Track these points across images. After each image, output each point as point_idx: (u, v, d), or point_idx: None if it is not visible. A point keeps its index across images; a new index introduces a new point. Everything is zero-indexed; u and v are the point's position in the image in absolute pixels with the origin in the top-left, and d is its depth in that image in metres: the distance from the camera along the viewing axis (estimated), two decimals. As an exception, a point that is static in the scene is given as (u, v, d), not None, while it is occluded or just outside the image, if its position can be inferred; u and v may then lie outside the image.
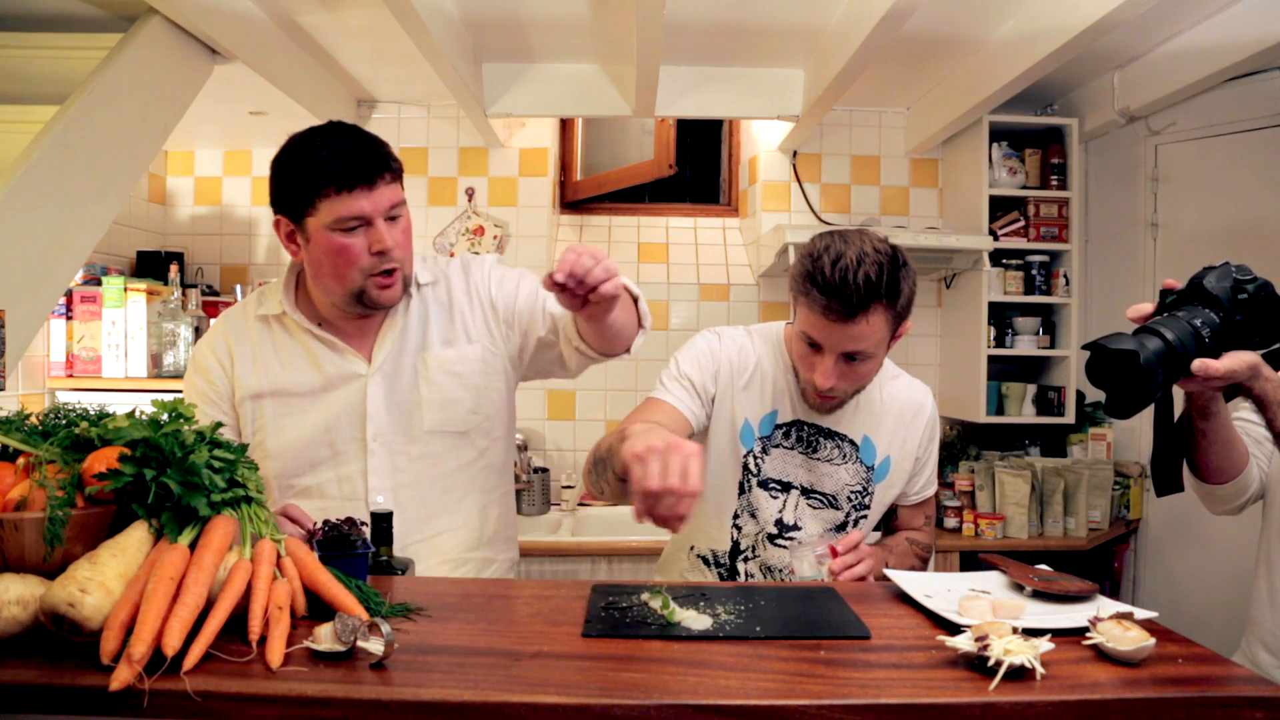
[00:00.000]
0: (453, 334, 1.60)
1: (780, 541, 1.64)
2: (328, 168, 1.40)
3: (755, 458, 1.63)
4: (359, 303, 1.49)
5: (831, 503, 1.64)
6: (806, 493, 1.63)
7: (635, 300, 1.54)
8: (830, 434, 1.64)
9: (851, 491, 1.65)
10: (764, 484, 1.63)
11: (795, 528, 1.63)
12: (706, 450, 1.64)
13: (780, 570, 1.65)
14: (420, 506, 1.57)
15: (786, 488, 1.63)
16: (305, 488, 1.55)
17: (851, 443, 1.64)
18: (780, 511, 1.63)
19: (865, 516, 1.67)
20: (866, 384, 1.59)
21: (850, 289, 1.38)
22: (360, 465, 1.55)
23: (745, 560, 1.66)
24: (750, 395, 1.64)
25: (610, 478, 1.41)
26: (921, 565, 1.72)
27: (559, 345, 1.60)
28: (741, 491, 1.64)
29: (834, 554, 1.48)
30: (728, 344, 1.66)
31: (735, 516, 1.65)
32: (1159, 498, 1.39)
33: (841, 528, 1.66)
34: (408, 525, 1.54)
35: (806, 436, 1.63)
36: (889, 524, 1.79)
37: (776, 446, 1.63)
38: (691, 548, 1.71)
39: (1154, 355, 1.20)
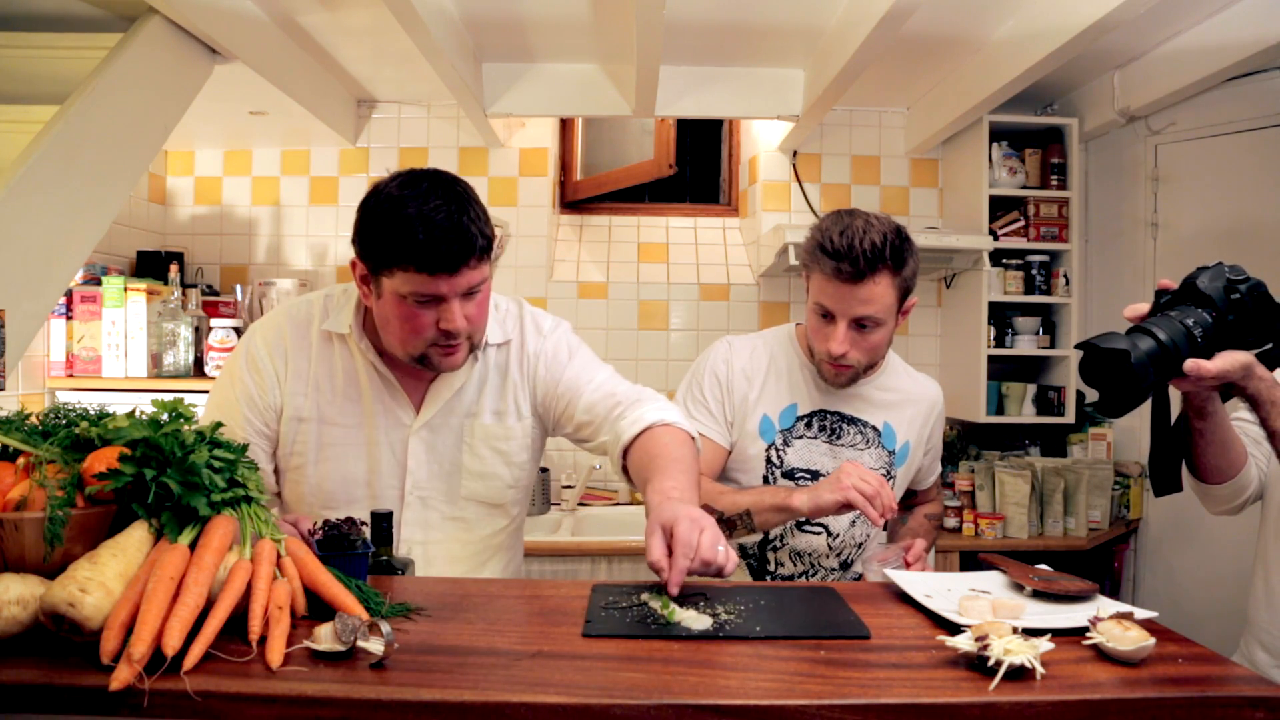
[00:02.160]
0: (504, 406, 1.54)
1: (809, 527, 1.68)
2: (413, 243, 1.29)
3: (777, 450, 1.68)
4: (419, 363, 1.43)
5: None
6: None
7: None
8: (853, 420, 1.69)
9: None
10: (790, 474, 1.68)
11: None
12: (730, 450, 1.71)
13: (809, 555, 1.68)
14: (449, 564, 1.55)
15: (815, 476, 1.67)
16: None
17: (874, 428, 1.70)
18: None
19: None
20: (879, 358, 1.65)
21: (857, 251, 1.48)
22: (395, 514, 1.49)
23: (775, 550, 1.69)
24: (767, 392, 1.69)
25: (741, 532, 1.57)
26: (936, 533, 1.92)
27: (593, 448, 1.53)
28: (766, 483, 1.68)
29: (908, 565, 1.56)
30: (739, 352, 1.72)
31: None
32: (1157, 498, 1.40)
33: None
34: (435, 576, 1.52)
35: (830, 424, 1.68)
36: (906, 502, 1.87)
37: (799, 438, 1.68)
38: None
39: (1146, 355, 1.20)
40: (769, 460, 1.67)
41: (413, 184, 1.33)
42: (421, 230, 1.28)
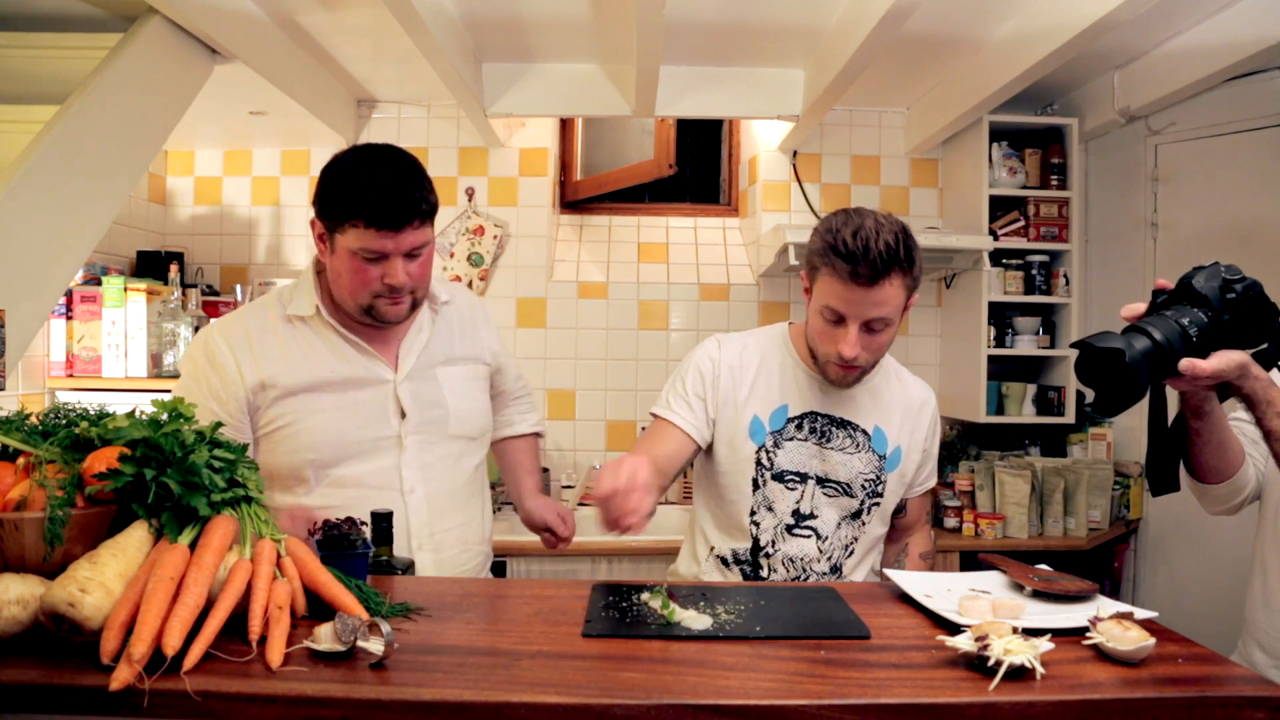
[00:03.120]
0: (472, 352, 1.77)
1: (798, 531, 1.67)
2: (364, 201, 1.46)
3: (767, 452, 1.66)
4: (368, 315, 1.57)
5: (846, 491, 1.67)
6: (821, 482, 1.67)
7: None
8: (843, 423, 1.68)
9: (865, 480, 1.68)
10: (779, 477, 1.66)
11: (812, 516, 1.67)
12: (715, 454, 1.70)
13: (801, 559, 1.67)
14: (447, 499, 1.69)
15: (804, 478, 1.66)
16: (341, 477, 1.60)
17: (864, 432, 1.68)
18: (798, 502, 1.67)
19: (878, 504, 1.70)
20: (883, 356, 1.64)
21: (873, 254, 1.46)
22: (395, 459, 1.62)
23: (767, 555, 1.67)
24: (757, 392, 1.68)
25: None
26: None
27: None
28: (756, 487, 1.67)
29: None
30: (728, 350, 1.71)
31: (753, 514, 1.67)
32: (1154, 497, 1.40)
33: (856, 516, 1.69)
34: (437, 514, 1.66)
35: (820, 427, 1.67)
36: (894, 519, 1.82)
37: (790, 440, 1.66)
38: (712, 549, 1.72)
39: (1140, 354, 1.20)
40: (759, 462, 1.65)
41: (367, 153, 1.52)
42: (371, 191, 1.46)
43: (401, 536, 1.59)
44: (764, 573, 1.67)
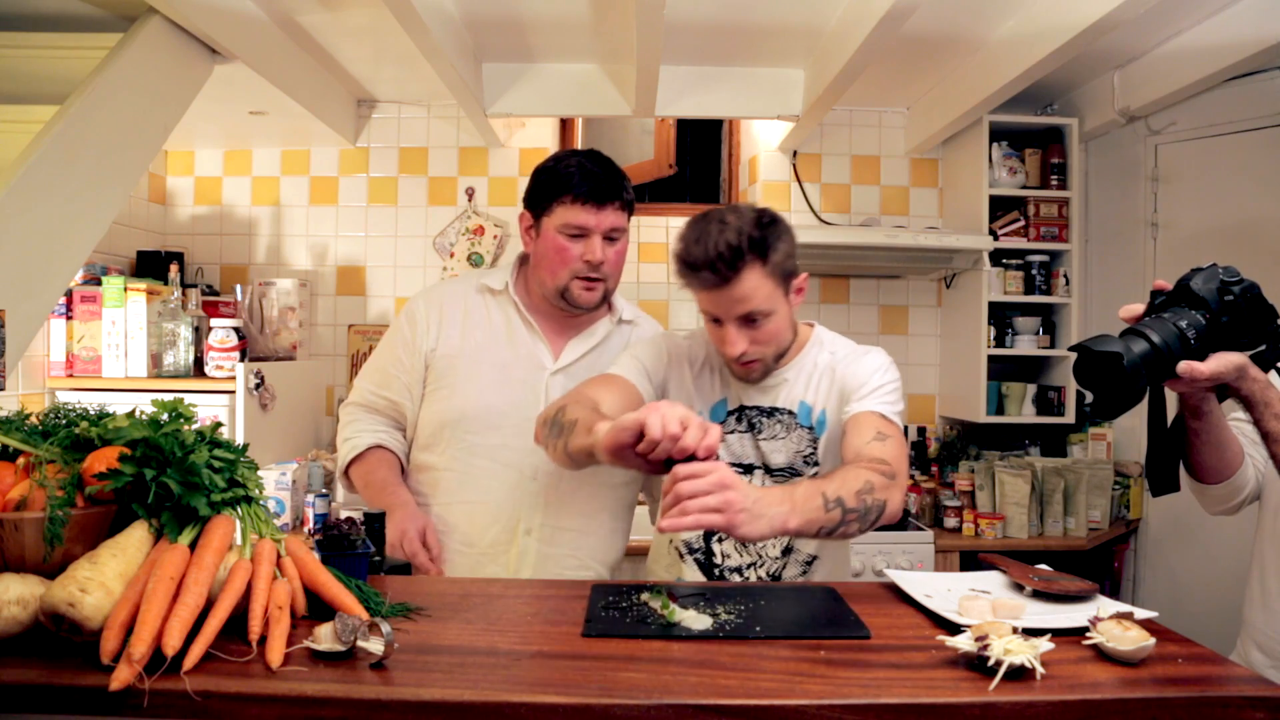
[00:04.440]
0: None
1: None
2: (571, 181, 1.67)
3: None
4: (562, 298, 1.72)
5: (791, 472, 1.66)
6: (767, 470, 1.66)
7: None
8: (770, 412, 1.68)
9: (804, 456, 1.67)
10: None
11: None
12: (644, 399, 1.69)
13: (754, 544, 1.66)
14: (567, 498, 1.75)
15: (749, 469, 1.67)
16: (477, 445, 1.73)
17: (789, 412, 1.67)
18: None
19: (818, 471, 1.66)
20: (784, 344, 1.60)
21: (712, 257, 1.46)
22: (531, 442, 1.67)
23: (720, 540, 1.68)
24: (701, 385, 1.70)
25: (562, 446, 1.44)
26: (825, 515, 1.31)
27: None
28: None
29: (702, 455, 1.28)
30: (678, 337, 1.76)
31: None
32: (1154, 497, 1.40)
33: None
34: (553, 508, 1.74)
35: (750, 419, 1.68)
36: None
37: (730, 432, 1.68)
38: (670, 542, 1.73)
39: (1138, 357, 1.21)
40: None
41: (575, 150, 1.76)
42: (578, 172, 1.68)
43: (512, 519, 1.71)
44: (718, 559, 1.67)
